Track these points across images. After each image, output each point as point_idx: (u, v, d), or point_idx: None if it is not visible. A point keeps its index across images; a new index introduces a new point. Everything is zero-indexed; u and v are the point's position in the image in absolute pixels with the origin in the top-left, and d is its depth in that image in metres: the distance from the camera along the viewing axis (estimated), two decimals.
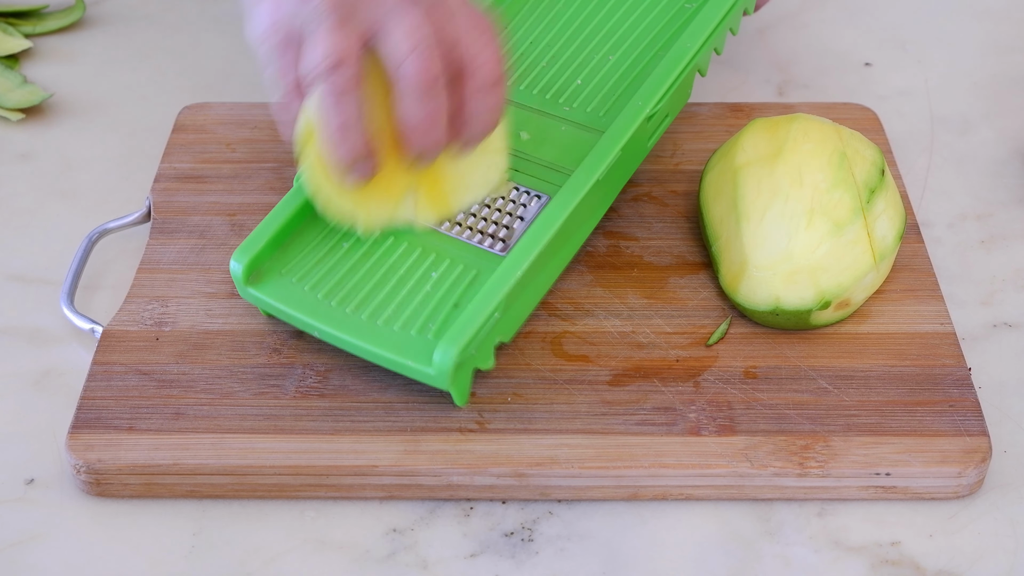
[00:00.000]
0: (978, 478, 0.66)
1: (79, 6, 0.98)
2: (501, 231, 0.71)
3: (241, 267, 0.69)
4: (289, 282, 0.69)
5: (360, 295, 0.68)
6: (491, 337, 0.67)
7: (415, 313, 0.67)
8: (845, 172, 0.72)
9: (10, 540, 0.64)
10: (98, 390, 0.68)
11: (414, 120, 0.63)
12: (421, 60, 0.62)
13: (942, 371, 0.69)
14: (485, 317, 0.65)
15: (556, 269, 0.72)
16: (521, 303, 0.69)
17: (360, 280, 0.69)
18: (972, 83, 0.93)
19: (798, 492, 0.66)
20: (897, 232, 0.73)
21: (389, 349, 0.66)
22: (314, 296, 0.68)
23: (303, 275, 0.69)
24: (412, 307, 0.68)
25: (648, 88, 0.75)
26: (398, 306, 0.68)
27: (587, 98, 0.77)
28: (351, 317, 0.67)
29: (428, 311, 0.67)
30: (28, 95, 0.89)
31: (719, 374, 0.69)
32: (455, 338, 0.64)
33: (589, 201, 0.71)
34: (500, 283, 0.66)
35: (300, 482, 0.65)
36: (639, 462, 0.65)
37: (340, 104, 0.63)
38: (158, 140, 0.86)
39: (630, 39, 0.80)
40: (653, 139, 0.77)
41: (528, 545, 0.64)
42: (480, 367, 0.67)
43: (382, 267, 0.70)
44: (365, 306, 0.68)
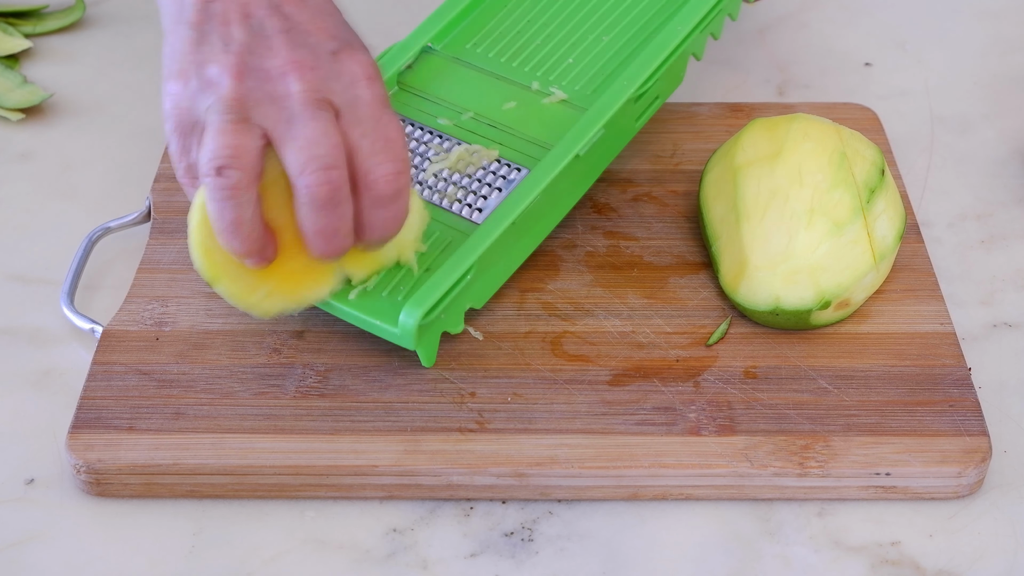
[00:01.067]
0: (978, 478, 0.66)
1: (79, 6, 0.98)
2: (479, 200, 0.72)
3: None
4: None
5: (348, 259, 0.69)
6: (460, 302, 0.69)
7: (388, 276, 0.69)
8: (845, 172, 0.72)
9: (10, 540, 0.64)
10: (98, 390, 0.68)
11: (313, 230, 0.63)
12: (318, 175, 0.60)
13: (942, 371, 0.69)
14: (452, 282, 0.67)
15: (533, 241, 0.73)
16: (494, 271, 0.71)
17: None
18: (972, 83, 0.93)
19: (798, 492, 0.66)
20: (897, 232, 0.73)
21: (360, 309, 0.68)
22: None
23: None
24: (386, 271, 0.69)
25: (635, 68, 0.75)
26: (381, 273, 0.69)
27: (576, 76, 0.77)
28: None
29: (400, 274, 0.69)
30: (28, 95, 0.89)
31: (719, 374, 0.69)
32: (421, 300, 0.66)
33: (568, 176, 0.72)
34: (470, 249, 0.68)
35: (300, 482, 0.65)
36: (639, 462, 0.65)
37: (227, 205, 0.61)
38: (158, 140, 0.86)
39: (625, 20, 0.81)
40: (641, 120, 0.77)
41: (528, 545, 0.64)
42: (449, 331, 0.69)
43: None
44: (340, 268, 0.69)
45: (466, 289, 0.68)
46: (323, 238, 0.63)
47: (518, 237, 0.71)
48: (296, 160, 0.61)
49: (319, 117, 0.61)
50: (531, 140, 0.74)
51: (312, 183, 0.61)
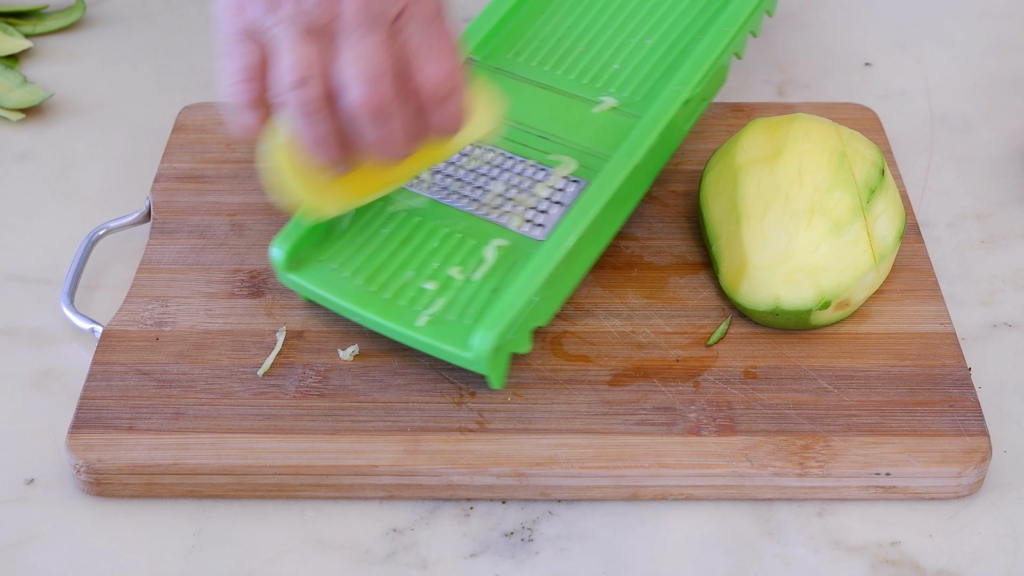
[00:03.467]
0: (978, 478, 0.66)
1: (79, 6, 0.98)
2: (540, 216, 0.71)
3: (283, 253, 0.70)
4: (329, 268, 0.70)
5: (400, 281, 0.69)
6: (528, 322, 0.68)
7: (454, 298, 0.68)
8: (845, 172, 0.72)
9: (10, 540, 0.64)
10: (98, 390, 0.68)
11: (369, 141, 0.63)
12: (363, 88, 0.61)
13: (942, 371, 0.69)
14: (524, 302, 0.66)
15: (593, 254, 0.72)
16: (559, 288, 0.70)
17: (400, 266, 0.70)
18: (972, 83, 0.93)
19: (798, 492, 0.66)
20: (897, 232, 0.73)
21: (428, 334, 0.67)
22: (354, 282, 0.69)
23: (343, 261, 0.70)
24: (451, 292, 0.68)
25: (686, 72, 0.75)
26: (439, 292, 0.68)
27: (624, 83, 0.77)
28: (390, 303, 0.68)
29: (467, 296, 0.68)
30: (28, 95, 0.89)
31: (719, 374, 0.69)
32: (493, 323, 0.65)
33: (627, 186, 0.72)
34: (539, 268, 0.67)
35: (300, 482, 0.65)
36: (639, 462, 0.65)
37: (310, 122, 0.62)
38: (158, 140, 0.86)
39: (667, 23, 0.80)
40: (689, 123, 0.77)
41: (528, 545, 0.64)
42: (517, 351, 0.68)
43: (421, 253, 0.70)
44: (405, 292, 0.69)
45: (535, 308, 0.67)
46: (379, 147, 0.63)
47: (582, 251, 0.70)
48: (345, 75, 0.62)
49: (371, 34, 0.62)
50: (585, 150, 0.73)
51: (357, 97, 0.61)
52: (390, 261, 0.70)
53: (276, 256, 0.70)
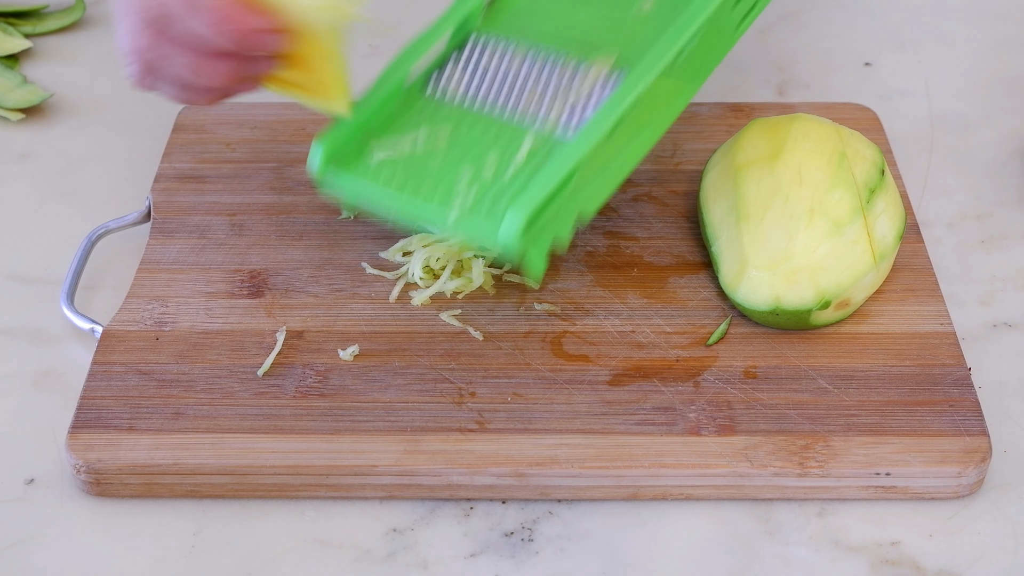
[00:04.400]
0: (978, 478, 0.66)
1: (79, 6, 0.98)
2: (577, 113, 0.70)
3: (322, 152, 0.70)
4: (366, 167, 0.71)
5: (436, 176, 0.69)
6: (570, 207, 0.68)
7: (490, 189, 0.68)
8: (845, 172, 0.72)
9: (10, 540, 0.64)
10: (98, 390, 0.68)
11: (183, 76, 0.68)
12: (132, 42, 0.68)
13: (942, 371, 0.69)
14: (557, 183, 0.66)
15: (638, 150, 0.71)
16: (600, 179, 0.69)
17: (437, 162, 0.70)
18: (972, 83, 0.93)
19: (798, 492, 0.66)
20: (897, 232, 0.73)
21: (464, 222, 0.67)
22: (392, 179, 0.70)
23: (381, 160, 0.71)
24: (487, 184, 0.68)
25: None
26: (472, 184, 0.68)
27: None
28: (428, 197, 0.68)
29: (502, 187, 0.68)
30: (28, 95, 0.89)
31: (719, 374, 0.69)
32: (526, 202, 0.65)
33: (667, 81, 0.70)
34: (574, 151, 0.67)
35: (300, 482, 0.65)
36: (639, 462, 0.65)
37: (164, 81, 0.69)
38: (158, 140, 0.86)
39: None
40: (742, 27, 0.76)
41: (528, 545, 0.64)
42: (558, 237, 0.68)
43: (458, 149, 0.70)
44: (441, 186, 0.69)
45: (573, 195, 0.67)
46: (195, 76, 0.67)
47: (622, 142, 0.69)
48: None
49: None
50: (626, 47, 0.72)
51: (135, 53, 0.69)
52: (427, 158, 0.70)
53: (315, 156, 0.70)
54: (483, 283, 0.74)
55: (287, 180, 0.81)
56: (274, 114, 0.86)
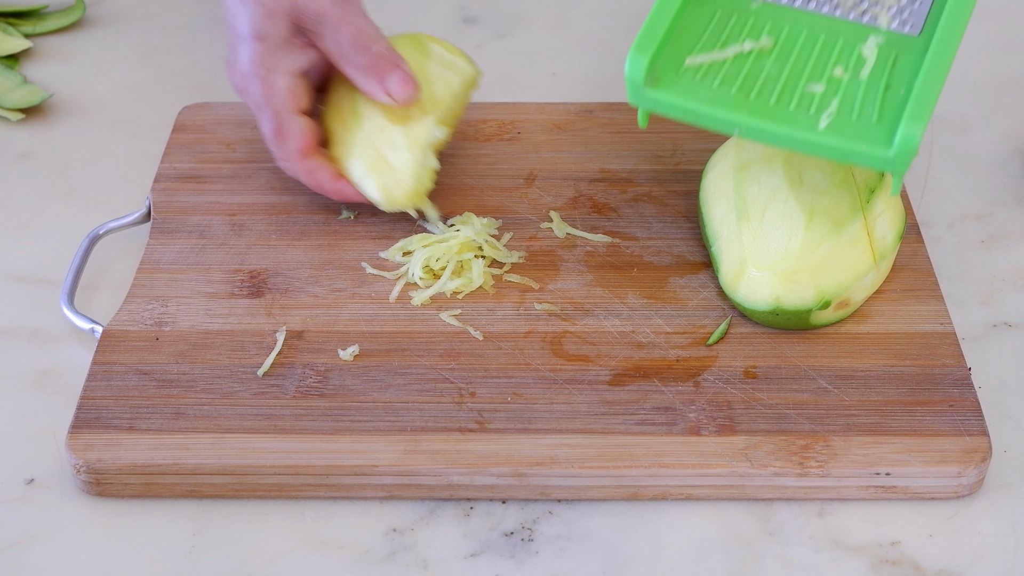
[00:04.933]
0: (978, 478, 0.66)
1: (79, 6, 0.98)
2: (907, 10, 0.68)
3: (641, 67, 0.65)
4: (693, 80, 0.66)
5: (778, 86, 0.65)
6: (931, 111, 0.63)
7: (848, 97, 0.64)
8: (845, 172, 0.72)
9: (10, 540, 0.64)
10: (98, 390, 0.68)
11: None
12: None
13: (942, 371, 0.69)
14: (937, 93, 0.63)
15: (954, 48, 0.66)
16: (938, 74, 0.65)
17: (774, 71, 0.66)
18: (972, 83, 0.93)
19: (798, 492, 0.66)
20: (897, 232, 0.73)
21: (835, 136, 0.63)
22: (727, 91, 0.65)
23: (706, 71, 0.66)
24: (842, 92, 0.65)
25: None
26: (824, 94, 0.65)
27: None
28: (779, 109, 0.64)
29: (861, 94, 0.64)
30: (28, 95, 0.89)
31: (719, 374, 0.69)
32: (918, 116, 0.62)
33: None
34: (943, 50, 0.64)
35: (300, 482, 0.65)
36: (639, 462, 0.65)
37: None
38: (158, 140, 0.86)
39: None
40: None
41: (528, 545, 0.64)
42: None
43: (791, 57, 0.67)
44: (789, 96, 0.65)
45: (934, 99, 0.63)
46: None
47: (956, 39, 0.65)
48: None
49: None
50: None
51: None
52: (760, 67, 0.66)
53: (634, 70, 0.65)
54: (483, 283, 0.74)
55: (287, 180, 0.81)
56: None
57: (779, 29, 0.68)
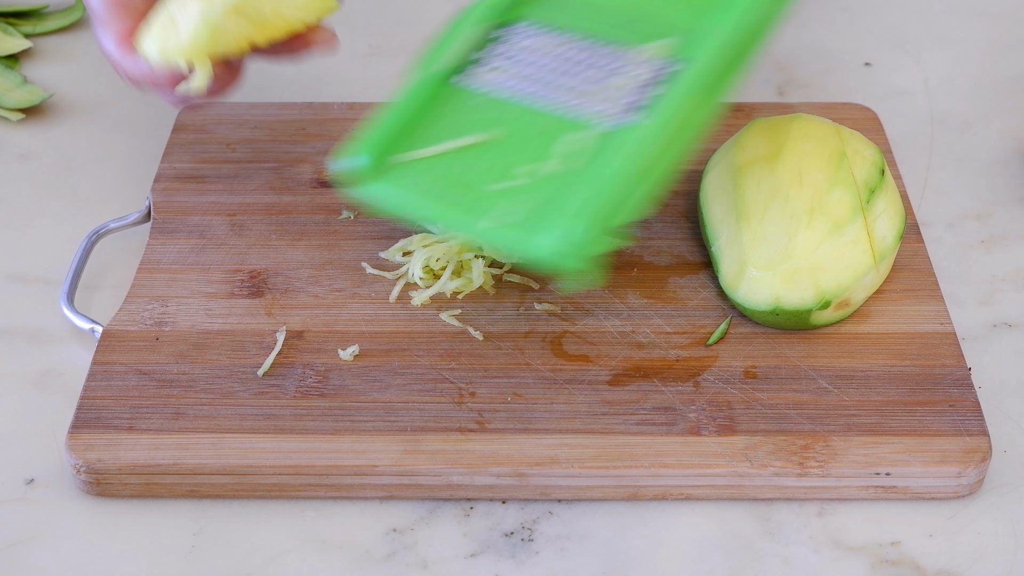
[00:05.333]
0: (978, 478, 0.66)
1: (79, 6, 0.98)
2: (628, 104, 0.66)
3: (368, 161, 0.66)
4: (408, 175, 0.66)
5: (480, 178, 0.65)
6: (625, 210, 0.63)
7: (541, 193, 0.63)
8: (845, 172, 0.72)
9: (10, 540, 0.64)
10: (98, 390, 0.68)
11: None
12: None
13: (942, 371, 0.69)
14: (613, 189, 0.62)
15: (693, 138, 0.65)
16: (657, 172, 0.64)
17: (480, 163, 0.66)
18: (972, 83, 0.93)
19: (798, 492, 0.66)
20: (897, 232, 0.73)
21: (515, 233, 0.62)
22: (437, 187, 0.65)
23: (423, 167, 0.66)
24: (539, 187, 0.64)
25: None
26: (524, 187, 0.64)
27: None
28: (477, 204, 0.64)
29: (553, 189, 0.63)
30: (28, 95, 0.89)
31: (719, 374, 0.69)
32: (580, 213, 0.61)
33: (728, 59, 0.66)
34: (628, 154, 0.63)
35: (300, 482, 0.65)
36: (639, 462, 0.65)
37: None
38: (158, 140, 0.86)
39: None
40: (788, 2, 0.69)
41: (528, 545, 0.64)
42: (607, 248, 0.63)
43: (504, 151, 0.66)
44: (488, 192, 0.64)
45: (629, 196, 0.62)
46: None
47: (678, 134, 0.64)
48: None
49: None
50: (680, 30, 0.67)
51: None
52: (470, 161, 0.66)
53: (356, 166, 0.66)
54: (483, 283, 0.74)
55: (287, 180, 0.81)
56: (274, 114, 0.86)
57: (498, 123, 0.67)
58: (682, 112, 0.64)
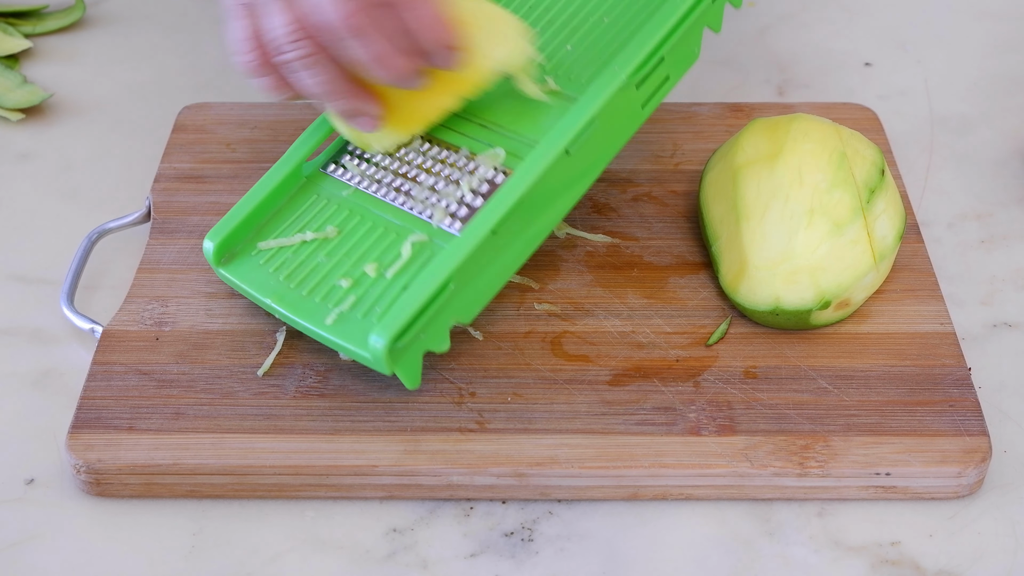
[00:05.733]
0: (978, 478, 0.66)
1: (79, 6, 0.98)
2: (463, 210, 0.68)
3: (213, 246, 0.70)
4: (257, 263, 0.70)
5: (317, 277, 0.68)
6: (442, 318, 0.65)
7: (365, 295, 0.67)
8: (845, 172, 0.72)
9: (10, 540, 0.64)
10: (98, 390, 0.68)
11: (359, 60, 0.65)
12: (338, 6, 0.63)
13: (942, 371, 0.69)
14: (425, 299, 0.64)
15: (526, 248, 0.68)
16: (479, 283, 0.67)
17: (320, 261, 0.69)
18: (972, 83, 0.93)
19: (798, 492, 0.66)
20: (897, 232, 0.73)
21: (335, 333, 0.66)
22: (276, 278, 0.69)
23: (270, 257, 0.70)
24: (363, 289, 0.67)
25: (631, 49, 0.70)
26: (351, 289, 0.67)
27: (572, 65, 0.72)
28: (307, 300, 0.68)
29: (378, 293, 0.66)
30: (28, 95, 0.89)
31: (719, 374, 0.69)
32: (391, 321, 0.63)
33: (559, 175, 0.67)
34: (445, 262, 0.65)
35: (300, 482, 0.65)
36: (639, 462, 0.65)
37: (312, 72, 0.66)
38: (158, 140, 0.86)
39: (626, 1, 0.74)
40: (650, 106, 0.71)
41: (528, 545, 0.64)
42: (433, 350, 0.66)
43: (343, 248, 0.69)
44: (320, 288, 0.68)
45: (446, 305, 0.65)
46: (374, 66, 0.65)
47: (504, 245, 0.67)
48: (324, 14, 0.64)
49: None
50: (520, 138, 0.70)
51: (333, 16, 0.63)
52: (311, 256, 0.69)
53: (207, 248, 0.70)
54: None
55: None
56: (274, 114, 0.86)
57: (351, 219, 0.71)
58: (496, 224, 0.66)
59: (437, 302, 0.65)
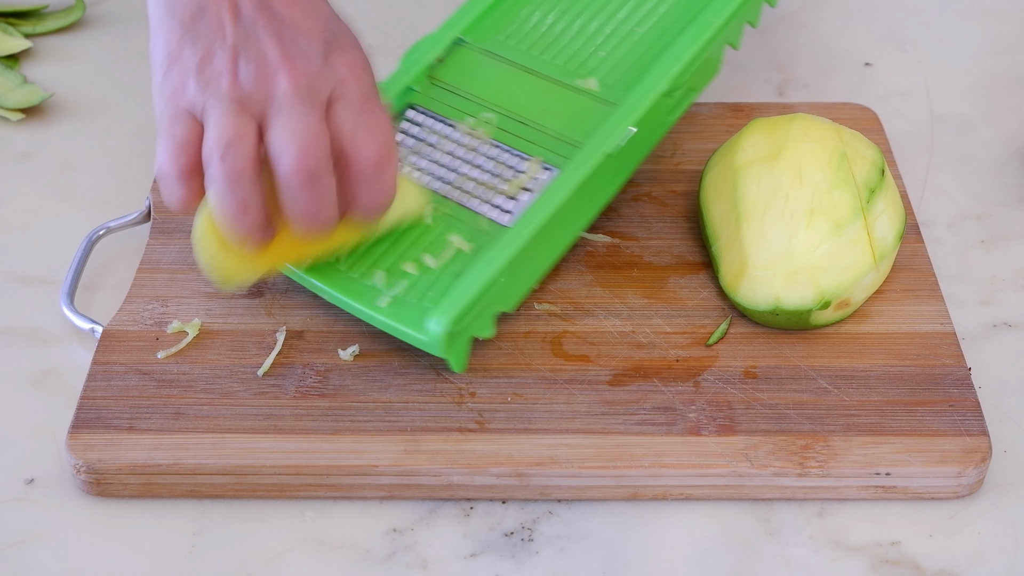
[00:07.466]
0: (978, 478, 0.66)
1: (79, 6, 0.98)
2: (510, 204, 0.71)
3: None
4: None
5: (368, 262, 0.70)
6: (491, 306, 0.68)
7: (418, 281, 0.69)
8: (845, 172, 0.72)
9: (10, 540, 0.64)
10: (98, 390, 0.68)
11: (295, 209, 0.64)
12: (300, 153, 0.62)
13: (942, 371, 0.69)
14: (481, 287, 0.67)
15: (563, 242, 0.73)
16: (523, 274, 0.70)
17: (370, 248, 0.70)
18: (972, 83, 0.93)
19: (798, 492, 0.66)
20: (897, 232, 0.73)
21: (388, 315, 0.68)
22: (326, 261, 0.70)
23: None
24: (416, 276, 0.69)
25: (668, 61, 0.74)
26: (403, 274, 0.69)
27: (610, 70, 0.76)
28: (358, 283, 0.69)
29: (430, 280, 0.69)
30: (28, 95, 0.89)
31: (719, 374, 0.69)
32: (449, 307, 0.66)
33: (600, 175, 0.72)
34: (499, 254, 0.68)
35: (300, 482, 0.65)
36: (639, 462, 0.65)
37: (234, 188, 0.62)
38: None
39: (660, 11, 0.79)
40: (675, 114, 0.77)
41: (528, 545, 0.64)
42: (479, 335, 0.68)
43: (393, 235, 0.71)
44: (372, 273, 0.69)
45: (496, 294, 0.68)
46: (306, 215, 0.64)
47: (548, 239, 0.71)
48: (277, 142, 0.62)
49: (305, 108, 0.63)
50: (562, 138, 0.73)
51: (290, 161, 0.62)
52: (362, 242, 0.70)
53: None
54: None
55: None
56: None
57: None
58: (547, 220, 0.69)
59: (489, 291, 0.67)
